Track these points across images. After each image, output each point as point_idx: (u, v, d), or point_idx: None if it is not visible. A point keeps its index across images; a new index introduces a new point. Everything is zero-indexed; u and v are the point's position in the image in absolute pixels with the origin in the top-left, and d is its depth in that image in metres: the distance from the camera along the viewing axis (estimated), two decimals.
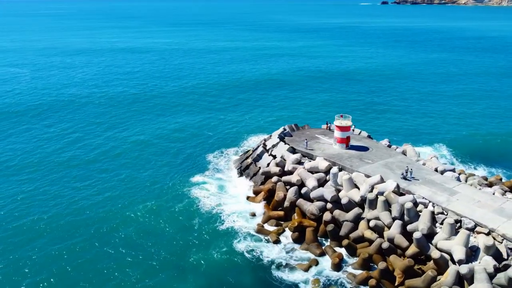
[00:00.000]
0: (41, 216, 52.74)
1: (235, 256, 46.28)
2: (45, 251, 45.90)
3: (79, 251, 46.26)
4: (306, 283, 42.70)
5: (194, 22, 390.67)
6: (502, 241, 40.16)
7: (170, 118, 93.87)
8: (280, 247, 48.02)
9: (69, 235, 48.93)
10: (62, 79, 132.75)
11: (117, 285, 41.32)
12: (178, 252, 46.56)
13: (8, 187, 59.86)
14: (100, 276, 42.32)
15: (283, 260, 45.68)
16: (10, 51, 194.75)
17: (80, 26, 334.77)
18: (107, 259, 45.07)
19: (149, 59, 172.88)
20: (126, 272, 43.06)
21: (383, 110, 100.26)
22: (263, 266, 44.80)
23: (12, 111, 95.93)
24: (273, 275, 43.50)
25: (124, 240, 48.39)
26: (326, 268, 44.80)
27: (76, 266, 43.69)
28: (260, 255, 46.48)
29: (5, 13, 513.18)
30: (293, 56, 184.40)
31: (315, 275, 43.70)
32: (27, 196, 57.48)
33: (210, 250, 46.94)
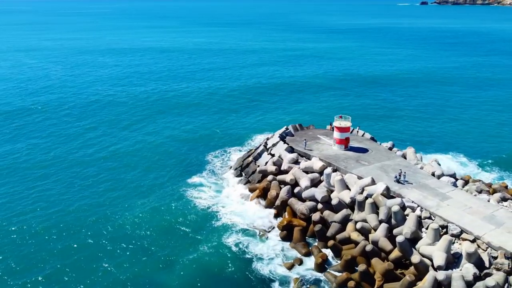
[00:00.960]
0: (43, 208, 55.29)
1: (223, 252, 46.97)
2: (44, 243, 48.01)
3: (75, 244, 47.87)
4: (287, 281, 43.00)
5: (224, 23, 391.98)
6: (486, 249, 38.92)
7: (186, 118, 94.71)
8: (268, 245, 48.47)
9: (66, 230, 50.52)
10: (91, 77, 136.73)
11: (110, 277, 42.64)
12: (169, 248, 47.50)
13: (19, 183, 62.23)
14: (94, 268, 43.74)
15: (268, 258, 46.16)
16: (48, 49, 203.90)
17: (115, 26, 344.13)
18: (102, 252, 46.59)
19: (178, 59, 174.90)
20: (119, 265, 44.38)
21: (407, 116, 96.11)
22: (248, 262, 45.33)
23: (35, 108, 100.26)
24: (256, 272, 43.99)
25: (119, 235, 49.76)
26: (310, 268, 44.93)
27: (73, 259, 45.31)
28: (247, 251, 47.08)
29: (51, 13, 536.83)
30: (321, 58, 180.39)
31: (298, 274, 43.91)
32: (33, 190, 59.89)
33: (200, 245, 47.75)
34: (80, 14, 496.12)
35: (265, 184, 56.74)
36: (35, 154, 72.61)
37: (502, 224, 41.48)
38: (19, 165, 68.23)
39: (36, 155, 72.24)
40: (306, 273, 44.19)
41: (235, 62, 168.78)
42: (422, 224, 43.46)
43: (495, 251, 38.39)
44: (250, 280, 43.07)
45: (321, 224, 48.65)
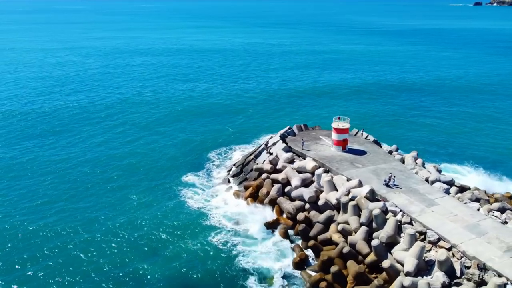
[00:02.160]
0: (46, 200, 58.62)
1: (207, 247, 47.79)
2: (40, 231, 51.26)
3: (67, 236, 50.53)
4: (264, 277, 43.53)
5: (266, 23, 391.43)
6: (460, 258, 37.60)
7: (206, 118, 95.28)
8: (252, 241, 49.16)
9: (60, 222, 53.20)
10: (125, 77, 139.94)
11: (95, 269, 44.60)
12: (157, 243, 49.06)
13: (21, 180, 64.56)
14: (81, 260, 45.89)
15: (250, 254, 46.74)
16: (93, 48, 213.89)
17: (159, 26, 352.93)
18: (92, 244, 48.71)
19: (212, 60, 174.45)
20: (105, 257, 46.42)
21: (437, 125, 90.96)
22: (230, 258, 46.08)
23: (61, 110, 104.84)
24: (235, 267, 44.75)
25: (111, 228, 51.81)
26: (289, 266, 45.21)
27: (62, 250, 47.84)
28: (232, 247, 47.81)
29: (104, 12, 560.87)
30: (364, 61, 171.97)
31: (275, 272, 44.33)
32: (40, 184, 63.25)
33: (186, 241, 48.92)
34: (132, 14, 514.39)
35: (258, 182, 57.52)
36: (43, 151, 75.15)
37: (484, 234, 39.86)
38: (24, 165, 69.91)
39: (43, 153, 74.47)
40: (283, 270, 44.49)
41: (267, 64, 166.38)
42: (401, 229, 42.58)
43: (469, 260, 37.03)
44: (231, 275, 43.76)
45: (305, 224, 48.80)
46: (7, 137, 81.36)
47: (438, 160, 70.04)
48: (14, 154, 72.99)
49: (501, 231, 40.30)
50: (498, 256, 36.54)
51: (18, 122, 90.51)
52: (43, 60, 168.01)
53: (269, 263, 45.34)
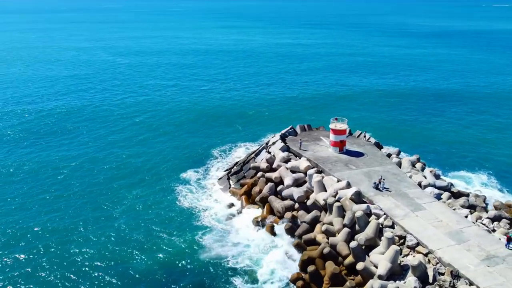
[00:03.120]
0: (51, 191, 61.78)
1: (195, 245, 48.65)
2: (40, 218, 54.25)
3: (61, 223, 53.19)
4: (249, 275, 43.96)
5: (299, 24, 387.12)
6: (436, 264, 36.89)
7: (217, 118, 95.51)
8: (239, 238, 49.77)
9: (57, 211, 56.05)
10: (149, 77, 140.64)
11: (80, 261, 46.23)
12: (145, 239, 50.11)
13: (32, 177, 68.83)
14: (65, 253, 47.52)
15: (236, 252, 47.30)
16: (123, 47, 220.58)
17: (191, 26, 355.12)
18: (80, 237, 50.61)
19: (239, 61, 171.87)
20: (93, 248, 48.24)
21: (464, 136, 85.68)
22: (216, 256, 46.64)
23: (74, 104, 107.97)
24: (221, 265, 45.31)
25: (101, 222, 53.63)
26: (274, 263, 45.45)
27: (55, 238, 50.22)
28: (219, 246, 48.37)
29: (137, 11, 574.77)
30: (393, 65, 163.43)
31: (258, 268, 44.88)
32: (49, 176, 66.44)
33: (174, 237, 50.16)
34: (165, 13, 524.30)
35: (253, 180, 58.21)
36: (54, 150, 77.62)
37: (465, 241, 38.89)
38: (38, 160, 72.86)
39: (54, 151, 76.79)
40: (272, 266, 44.92)
41: (294, 65, 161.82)
42: (382, 232, 42.13)
43: (444, 267, 36.28)
44: (217, 273, 44.35)
45: (291, 223, 49.09)
46: (24, 134, 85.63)
47: (454, 168, 68.84)
48: (29, 150, 76.54)
49: (484, 239, 39.18)
50: (474, 264, 35.64)
51: (40, 118, 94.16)
52: (75, 58, 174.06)
53: (254, 260, 45.93)
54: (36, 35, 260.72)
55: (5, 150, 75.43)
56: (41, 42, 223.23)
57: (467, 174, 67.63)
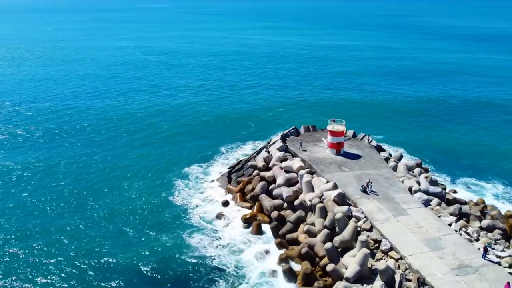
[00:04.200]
0: (60, 178, 65.45)
1: (184, 241, 49.51)
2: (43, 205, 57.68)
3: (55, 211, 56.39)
4: (222, 270, 44.59)
5: (341, 25, 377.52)
6: (405, 270, 36.23)
7: (233, 117, 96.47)
8: (225, 235, 50.35)
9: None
10: (185, 79, 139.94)
11: (67, 248, 48.22)
12: (135, 233, 51.24)
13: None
14: (55, 245, 49.03)
15: (217, 247, 48.28)
16: (154, 47, 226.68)
17: (232, 27, 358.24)
18: (73, 229, 52.35)
19: (272, 64, 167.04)
20: (82, 239, 49.86)
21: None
22: (200, 252, 47.44)
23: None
24: (208, 263, 45.60)
25: (97, 213, 55.61)
26: (248, 259, 46.11)
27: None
28: (204, 240, 49.41)
29: (175, 11, 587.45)
30: (436, 71, 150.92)
31: (237, 263, 45.66)
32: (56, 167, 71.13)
33: (163, 233, 50.92)
34: (210, 14, 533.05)
35: (249, 178, 59.04)
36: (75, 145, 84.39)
37: (440, 248, 37.91)
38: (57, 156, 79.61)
39: (71, 146, 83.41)
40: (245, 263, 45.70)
41: (326, 68, 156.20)
42: (360, 235, 41.74)
43: (412, 274, 35.58)
44: (203, 270, 44.78)
45: (277, 222, 49.54)
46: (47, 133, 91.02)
47: (472, 176, 66.95)
48: (47, 149, 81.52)
49: (461, 248, 38.00)
50: (443, 273, 34.74)
51: (64, 116, 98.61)
52: (111, 57, 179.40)
53: (234, 258, 46.30)
54: (78, 33, 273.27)
55: (37, 144, 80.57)
56: (80, 42, 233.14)
57: (483, 184, 65.28)
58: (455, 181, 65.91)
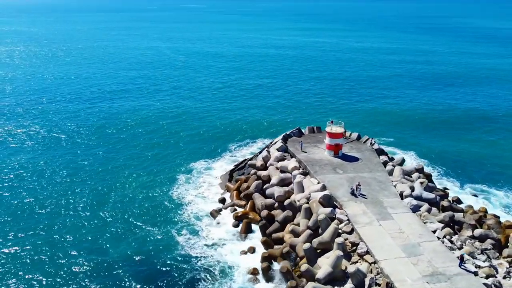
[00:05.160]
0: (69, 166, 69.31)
1: (175, 236, 50.78)
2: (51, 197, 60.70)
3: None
4: (206, 266, 45.47)
5: (382, 26, 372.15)
6: (377, 274, 35.86)
7: (248, 115, 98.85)
8: (214, 232, 51.26)
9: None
10: (208, 82, 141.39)
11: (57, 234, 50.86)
12: (127, 226, 53.14)
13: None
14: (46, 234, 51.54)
15: (205, 243, 49.25)
16: (183, 48, 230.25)
17: (263, 27, 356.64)
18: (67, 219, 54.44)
19: (299, 66, 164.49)
20: (73, 231, 51.87)
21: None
22: (187, 247, 48.47)
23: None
24: (196, 259, 46.60)
25: (94, 204, 57.92)
26: (234, 256, 46.90)
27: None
28: (192, 236, 50.51)
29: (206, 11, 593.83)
30: (477, 79, 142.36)
31: (221, 261, 46.39)
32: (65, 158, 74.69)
33: (155, 227, 52.70)
34: (242, 13, 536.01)
35: (246, 177, 59.79)
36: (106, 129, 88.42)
37: (417, 255, 37.22)
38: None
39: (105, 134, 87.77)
40: (231, 259, 46.37)
41: (360, 72, 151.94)
42: (339, 236, 41.58)
43: (383, 278, 35.18)
44: (191, 266, 45.65)
45: (266, 221, 50.03)
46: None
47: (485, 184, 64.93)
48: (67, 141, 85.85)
49: (439, 256, 37.14)
50: (414, 279, 34.16)
51: (88, 114, 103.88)
52: (140, 58, 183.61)
53: (218, 255, 46.99)
54: (114, 32, 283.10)
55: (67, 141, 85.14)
56: (115, 41, 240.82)
57: (495, 192, 63.28)
58: (464, 187, 64.02)
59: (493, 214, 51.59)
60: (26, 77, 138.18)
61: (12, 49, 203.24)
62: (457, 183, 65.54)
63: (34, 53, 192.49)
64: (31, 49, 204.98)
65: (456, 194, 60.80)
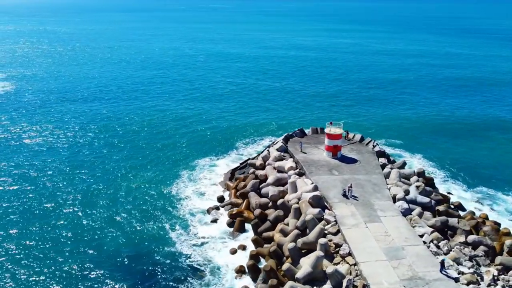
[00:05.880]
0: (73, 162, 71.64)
1: (168, 232, 51.54)
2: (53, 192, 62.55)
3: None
4: (194, 265, 45.80)
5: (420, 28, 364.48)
6: (356, 276, 35.70)
7: (264, 113, 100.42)
8: (206, 230, 51.80)
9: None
10: (224, 83, 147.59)
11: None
12: (120, 217, 54.63)
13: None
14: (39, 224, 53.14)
15: (199, 238, 50.10)
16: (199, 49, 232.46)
17: (288, 28, 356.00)
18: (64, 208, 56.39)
19: (325, 70, 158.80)
20: (67, 223, 53.34)
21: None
22: (178, 244, 49.01)
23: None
24: (180, 251, 47.61)
25: (92, 196, 59.61)
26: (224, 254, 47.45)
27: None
28: (184, 233, 51.13)
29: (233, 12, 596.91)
30: None
31: (211, 256, 47.04)
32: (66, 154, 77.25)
33: (150, 221, 53.55)
34: (267, 14, 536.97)
35: (244, 176, 60.33)
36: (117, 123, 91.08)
37: (399, 258, 36.82)
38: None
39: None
40: (218, 256, 46.89)
41: (385, 77, 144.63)
42: (325, 237, 41.54)
43: (360, 280, 35.00)
44: (177, 260, 46.44)
45: (258, 220, 50.41)
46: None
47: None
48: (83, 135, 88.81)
49: (421, 260, 36.62)
50: (391, 283, 33.87)
51: (103, 113, 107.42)
52: (162, 59, 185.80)
53: (208, 253, 47.38)
54: (141, 32, 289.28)
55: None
56: (139, 42, 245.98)
57: (506, 198, 61.65)
58: (473, 193, 62.16)
59: (493, 221, 50.43)
60: (53, 75, 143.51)
61: (50, 48, 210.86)
62: (466, 188, 63.65)
63: (60, 52, 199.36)
64: (57, 48, 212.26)
65: (463, 199, 59.24)
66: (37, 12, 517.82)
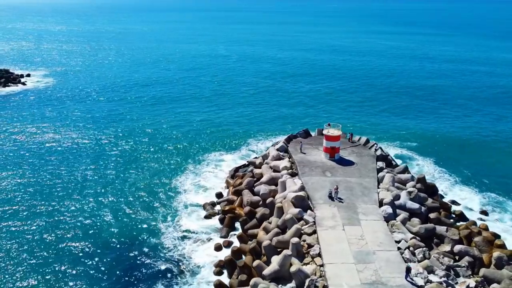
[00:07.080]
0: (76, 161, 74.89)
1: (158, 218, 53.70)
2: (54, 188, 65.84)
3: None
4: (177, 260, 46.65)
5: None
6: (320, 277, 35.60)
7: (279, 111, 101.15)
8: (195, 225, 52.81)
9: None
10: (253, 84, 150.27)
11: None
12: (117, 208, 56.65)
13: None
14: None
15: (186, 231, 51.46)
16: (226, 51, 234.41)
17: (328, 30, 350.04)
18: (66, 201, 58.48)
19: (356, 74, 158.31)
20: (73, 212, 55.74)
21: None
22: (167, 238, 50.15)
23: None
24: (167, 241, 49.26)
25: (99, 185, 62.34)
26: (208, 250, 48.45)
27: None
28: (175, 228, 52.06)
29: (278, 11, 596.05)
30: None
31: (196, 251, 48.14)
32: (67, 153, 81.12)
33: (145, 216, 54.91)
34: (316, 15, 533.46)
35: (243, 174, 61.20)
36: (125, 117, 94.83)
37: (366, 262, 36.33)
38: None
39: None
40: (204, 251, 47.95)
41: (398, 82, 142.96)
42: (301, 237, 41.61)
43: (322, 281, 34.89)
44: (160, 253, 47.52)
45: (246, 217, 51.13)
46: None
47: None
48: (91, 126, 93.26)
49: (390, 266, 35.89)
50: (351, 285, 33.59)
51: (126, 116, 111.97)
52: (195, 60, 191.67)
53: (192, 248, 48.23)
54: (181, 32, 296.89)
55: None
56: (179, 43, 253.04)
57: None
58: (483, 202, 58.87)
59: (492, 232, 48.10)
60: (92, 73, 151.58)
61: (96, 46, 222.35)
62: (480, 198, 59.91)
63: (101, 50, 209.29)
64: (102, 45, 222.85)
65: (468, 210, 56.41)
66: (90, 11, 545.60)
